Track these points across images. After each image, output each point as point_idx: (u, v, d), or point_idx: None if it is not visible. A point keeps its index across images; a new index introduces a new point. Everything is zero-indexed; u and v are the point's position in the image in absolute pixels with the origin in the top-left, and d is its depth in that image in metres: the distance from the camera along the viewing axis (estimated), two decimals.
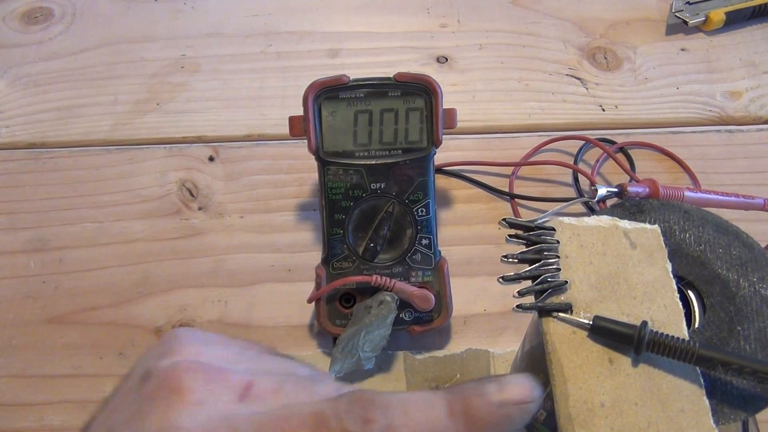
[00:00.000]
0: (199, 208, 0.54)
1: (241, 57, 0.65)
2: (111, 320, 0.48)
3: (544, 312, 0.29)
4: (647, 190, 0.48)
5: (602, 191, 0.48)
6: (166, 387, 0.21)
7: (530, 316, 0.38)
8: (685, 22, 0.66)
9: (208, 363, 0.22)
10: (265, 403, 0.21)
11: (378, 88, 0.45)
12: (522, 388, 0.20)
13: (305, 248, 0.52)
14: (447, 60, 0.64)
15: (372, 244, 0.45)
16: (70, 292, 0.50)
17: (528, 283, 0.29)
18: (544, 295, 0.29)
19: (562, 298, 0.29)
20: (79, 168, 0.57)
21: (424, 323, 0.45)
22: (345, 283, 0.44)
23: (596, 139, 0.57)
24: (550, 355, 0.28)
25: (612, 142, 0.58)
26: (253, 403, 0.21)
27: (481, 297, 0.49)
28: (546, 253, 0.30)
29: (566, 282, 0.29)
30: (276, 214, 0.54)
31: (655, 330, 0.27)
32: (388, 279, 0.44)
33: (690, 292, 0.32)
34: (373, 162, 0.46)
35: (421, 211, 0.46)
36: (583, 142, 0.58)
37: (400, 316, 0.45)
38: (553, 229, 0.31)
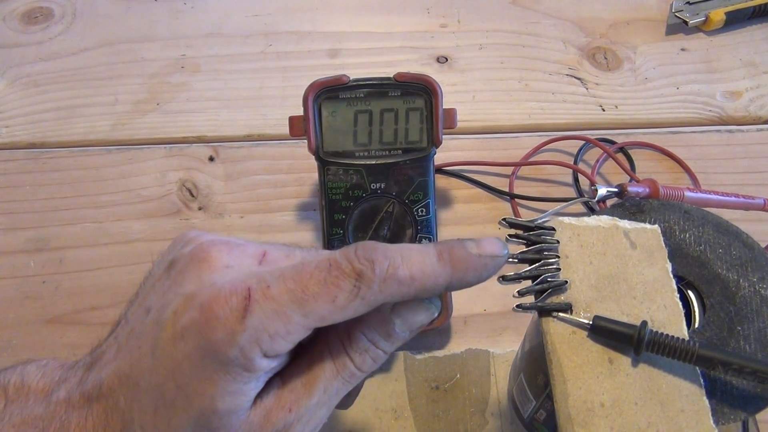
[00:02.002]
0: (199, 208, 0.54)
1: (241, 57, 0.65)
2: (111, 320, 0.48)
3: (544, 312, 0.29)
4: (647, 190, 0.48)
5: (602, 191, 0.48)
6: (195, 259, 0.25)
7: (530, 316, 0.38)
8: (685, 22, 0.66)
9: (228, 239, 0.25)
10: (280, 256, 0.25)
11: (378, 88, 0.45)
12: (494, 245, 0.25)
13: None
14: (447, 60, 0.64)
15: None
16: (70, 292, 0.50)
17: (528, 283, 0.29)
18: (544, 295, 0.29)
19: (562, 298, 0.29)
20: (79, 168, 0.57)
21: None
22: None
23: (596, 139, 0.57)
24: (550, 355, 0.28)
25: (612, 142, 0.58)
26: (270, 267, 0.25)
27: (481, 297, 0.49)
28: (546, 253, 0.30)
29: (566, 282, 0.29)
30: (276, 214, 0.54)
31: (655, 330, 0.27)
32: None
33: (690, 292, 0.32)
34: (373, 162, 0.46)
35: (421, 211, 0.46)
36: (583, 142, 0.58)
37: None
38: (553, 229, 0.31)
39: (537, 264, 0.30)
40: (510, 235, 0.30)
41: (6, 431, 0.24)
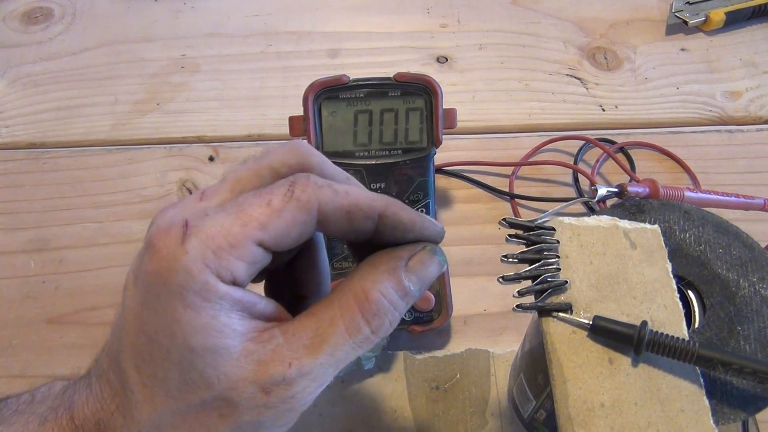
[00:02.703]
0: None
1: (241, 57, 0.65)
2: (111, 320, 0.48)
3: (544, 312, 0.29)
4: (647, 190, 0.48)
5: (602, 191, 0.48)
6: (149, 226, 0.24)
7: (530, 316, 0.38)
8: (685, 22, 0.66)
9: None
10: (219, 191, 0.25)
11: (378, 88, 0.45)
12: (434, 222, 0.27)
13: None
14: (447, 60, 0.64)
15: None
16: (70, 292, 0.50)
17: (528, 283, 0.29)
18: (544, 295, 0.29)
19: (562, 298, 0.29)
20: (79, 168, 0.57)
21: (424, 323, 0.45)
22: None
23: (596, 139, 0.57)
24: (550, 355, 0.28)
25: (612, 142, 0.58)
26: (209, 199, 0.25)
27: (481, 297, 0.49)
28: (546, 253, 0.30)
29: (566, 282, 0.29)
30: None
31: (655, 330, 0.27)
32: None
33: (690, 292, 0.32)
34: (373, 162, 0.46)
35: (421, 211, 0.46)
36: (583, 142, 0.58)
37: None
38: (553, 229, 0.31)
39: (537, 264, 0.30)
40: (510, 235, 0.30)
41: (26, 418, 0.25)
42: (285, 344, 0.23)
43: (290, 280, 0.29)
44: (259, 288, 0.28)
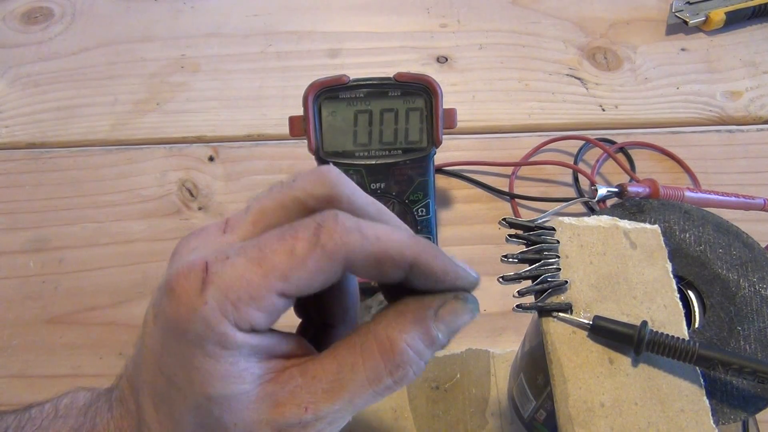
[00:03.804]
0: (199, 208, 0.54)
1: (241, 57, 0.65)
2: (111, 320, 0.48)
3: (544, 312, 0.29)
4: (647, 190, 0.48)
5: (602, 191, 0.48)
6: (170, 257, 0.25)
7: (530, 316, 0.38)
8: (685, 22, 0.66)
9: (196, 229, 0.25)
10: (241, 223, 0.24)
11: (378, 88, 0.45)
12: (467, 268, 0.25)
13: None
14: (447, 60, 0.64)
15: None
16: (70, 292, 0.50)
17: (528, 283, 0.29)
18: (544, 295, 0.29)
19: (562, 298, 0.29)
20: (79, 168, 0.57)
21: None
22: None
23: (596, 139, 0.57)
24: (550, 355, 0.28)
25: (612, 142, 0.58)
26: (233, 231, 0.24)
27: (481, 297, 0.49)
28: (546, 253, 0.30)
29: (566, 282, 0.29)
30: None
31: (655, 330, 0.27)
32: None
33: (690, 292, 0.32)
34: (373, 162, 0.46)
35: (421, 211, 0.46)
36: (583, 142, 0.58)
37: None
38: (553, 229, 0.31)
39: (537, 264, 0.30)
40: (510, 235, 0.30)
41: None
42: (303, 386, 0.23)
43: (317, 306, 0.28)
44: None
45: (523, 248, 0.30)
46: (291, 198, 0.24)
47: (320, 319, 0.28)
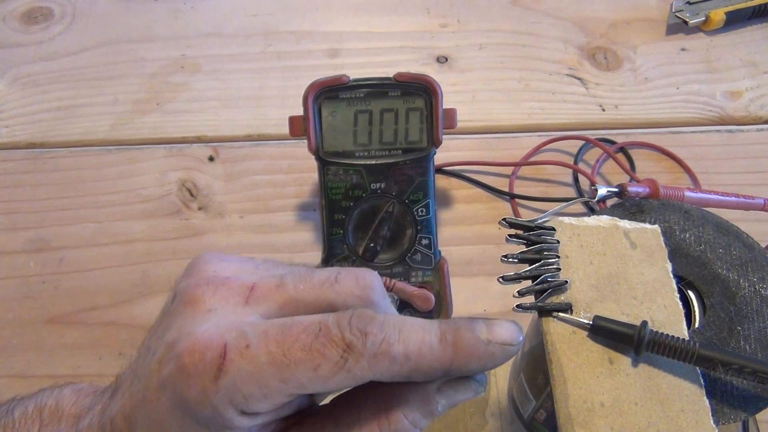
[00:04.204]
0: (199, 208, 0.54)
1: (241, 57, 0.65)
2: (111, 320, 0.48)
3: (544, 312, 0.29)
4: (647, 190, 0.48)
5: (602, 191, 0.48)
6: (181, 302, 0.24)
7: (530, 316, 0.38)
8: (686, 22, 0.66)
9: (216, 275, 0.24)
10: (269, 300, 0.24)
11: (378, 88, 0.45)
12: (508, 332, 0.23)
13: (305, 248, 0.52)
14: (447, 60, 0.64)
15: (372, 244, 0.45)
16: (70, 292, 0.50)
17: (528, 283, 0.29)
18: (544, 295, 0.29)
19: (562, 298, 0.29)
20: (79, 168, 0.57)
21: None
22: None
23: (596, 139, 0.57)
24: (550, 355, 0.28)
25: (612, 142, 0.58)
26: (258, 304, 0.23)
27: (481, 297, 0.49)
28: (546, 253, 0.30)
29: (566, 282, 0.29)
30: (276, 214, 0.54)
31: (655, 330, 0.27)
32: (388, 279, 0.44)
33: (690, 292, 0.32)
34: (373, 162, 0.46)
35: (421, 211, 0.46)
36: (583, 142, 0.58)
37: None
38: (553, 229, 0.31)
39: (537, 264, 0.30)
40: (510, 235, 0.30)
41: None
42: None
43: None
44: None
45: (523, 248, 0.30)
46: (327, 302, 0.24)
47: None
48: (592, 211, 0.53)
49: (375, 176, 0.45)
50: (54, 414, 0.26)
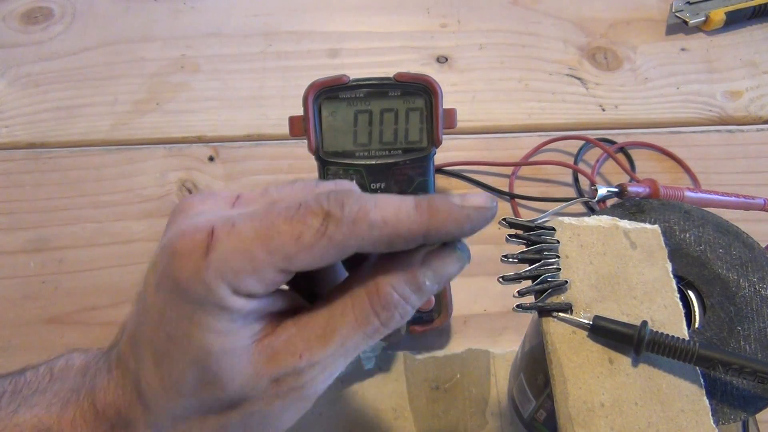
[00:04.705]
0: None
1: (241, 57, 0.65)
2: (111, 320, 0.48)
3: (544, 312, 0.29)
4: (647, 190, 0.48)
5: (602, 191, 0.48)
6: (174, 213, 0.25)
7: (530, 316, 0.38)
8: (686, 22, 0.66)
9: (204, 192, 0.26)
10: (255, 203, 0.25)
11: (378, 88, 0.45)
12: (481, 197, 0.23)
13: None
14: (447, 60, 0.64)
15: None
16: (70, 292, 0.50)
17: (528, 283, 0.29)
18: (544, 295, 0.29)
19: (562, 298, 0.29)
20: (79, 168, 0.57)
21: (424, 323, 0.45)
22: None
23: (596, 139, 0.57)
24: (550, 355, 0.28)
25: (612, 142, 0.58)
26: (243, 206, 0.25)
27: (481, 297, 0.49)
28: (546, 253, 0.30)
29: (566, 282, 0.29)
30: None
31: (655, 330, 0.27)
32: None
33: (690, 292, 0.32)
34: (373, 162, 0.46)
35: None
36: (583, 142, 0.58)
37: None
38: (553, 229, 0.31)
39: (537, 264, 0.30)
40: (510, 235, 0.30)
41: (49, 400, 0.26)
42: (297, 334, 0.24)
43: (306, 276, 0.29)
44: None
45: (523, 248, 0.30)
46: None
47: (309, 288, 0.29)
48: (592, 211, 0.53)
49: (375, 176, 0.45)
50: (63, 369, 0.27)
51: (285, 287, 0.26)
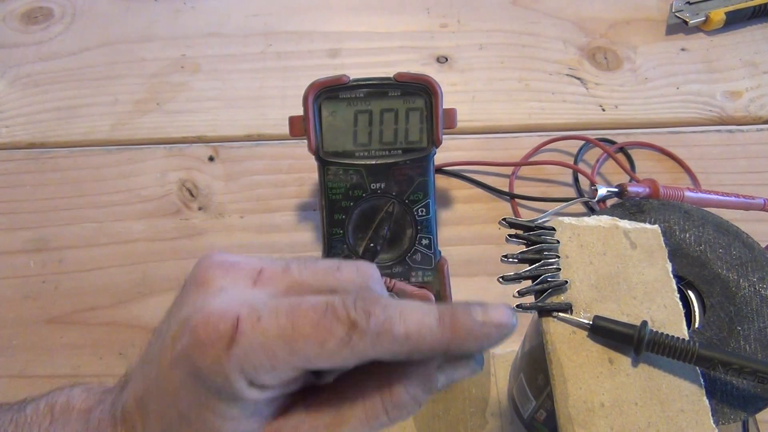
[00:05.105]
0: (199, 208, 0.54)
1: (241, 57, 0.65)
2: (111, 320, 0.48)
3: (544, 312, 0.29)
4: (647, 190, 0.48)
5: (602, 191, 0.48)
6: (194, 284, 0.25)
7: (530, 316, 0.38)
8: (686, 22, 0.66)
9: (225, 260, 0.26)
10: (276, 283, 0.25)
11: (378, 88, 0.45)
12: (502, 314, 0.24)
13: (305, 248, 0.52)
14: (447, 60, 0.64)
15: (372, 244, 0.45)
16: (70, 292, 0.50)
17: (528, 283, 0.29)
18: (544, 295, 0.29)
19: (562, 298, 0.29)
20: (79, 168, 0.57)
21: None
22: None
23: (596, 139, 0.57)
24: (550, 355, 0.28)
25: (612, 142, 0.58)
26: (266, 286, 0.25)
27: (481, 297, 0.49)
28: (546, 253, 0.30)
29: (566, 282, 0.29)
30: (276, 214, 0.54)
31: (655, 330, 0.27)
32: (388, 279, 0.44)
33: (690, 292, 0.32)
34: (373, 162, 0.46)
35: (421, 211, 0.46)
36: (583, 142, 0.58)
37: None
38: (553, 229, 0.31)
39: (537, 264, 0.30)
40: (510, 235, 0.30)
41: None
42: (307, 420, 0.24)
43: None
44: None
45: (523, 248, 0.30)
46: (329, 287, 0.25)
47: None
48: (592, 211, 0.53)
49: (375, 176, 0.45)
50: (65, 409, 0.27)
51: None
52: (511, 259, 0.30)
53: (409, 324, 0.23)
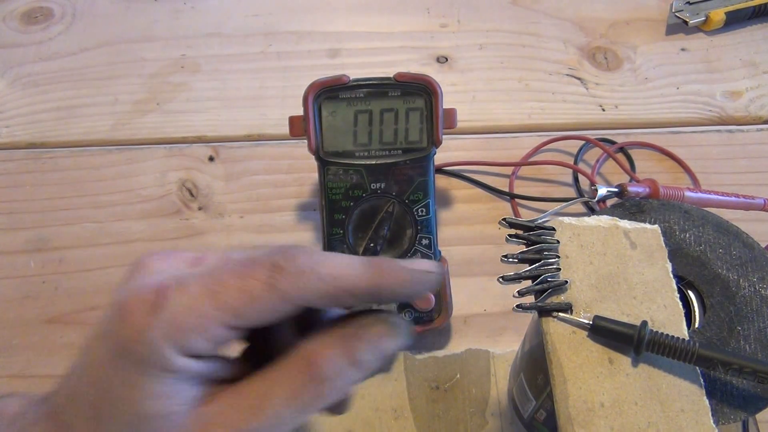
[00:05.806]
0: (199, 208, 0.54)
1: (241, 57, 0.65)
2: None
3: (544, 312, 0.29)
4: (647, 190, 0.48)
5: (602, 191, 0.48)
6: (132, 268, 0.25)
7: (530, 316, 0.38)
8: (685, 22, 0.66)
9: (167, 251, 0.26)
10: (213, 264, 0.25)
11: (378, 88, 0.45)
12: (427, 263, 0.24)
13: None
14: (447, 60, 0.64)
15: (372, 244, 0.45)
16: (70, 292, 0.50)
17: (528, 283, 0.29)
18: (544, 295, 0.29)
19: (562, 298, 0.29)
20: (79, 168, 0.57)
21: (424, 323, 0.45)
22: None
23: (596, 139, 0.57)
24: (550, 355, 0.28)
25: (612, 142, 0.58)
26: (201, 268, 0.24)
27: (481, 297, 0.49)
28: (546, 253, 0.30)
29: (566, 282, 0.29)
30: (276, 214, 0.54)
31: (655, 330, 0.27)
32: None
33: (690, 292, 0.32)
34: (373, 162, 0.46)
35: (421, 211, 0.46)
36: (583, 142, 0.58)
37: (401, 316, 0.45)
38: (553, 229, 0.31)
39: (537, 264, 0.30)
40: (510, 235, 0.30)
41: None
42: (232, 405, 0.23)
43: (263, 333, 0.28)
44: None
45: (523, 248, 0.30)
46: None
47: (264, 347, 0.28)
48: (592, 211, 0.54)
49: (375, 176, 0.45)
50: None
51: (237, 354, 0.26)
52: (511, 259, 0.30)
53: (336, 264, 0.23)
